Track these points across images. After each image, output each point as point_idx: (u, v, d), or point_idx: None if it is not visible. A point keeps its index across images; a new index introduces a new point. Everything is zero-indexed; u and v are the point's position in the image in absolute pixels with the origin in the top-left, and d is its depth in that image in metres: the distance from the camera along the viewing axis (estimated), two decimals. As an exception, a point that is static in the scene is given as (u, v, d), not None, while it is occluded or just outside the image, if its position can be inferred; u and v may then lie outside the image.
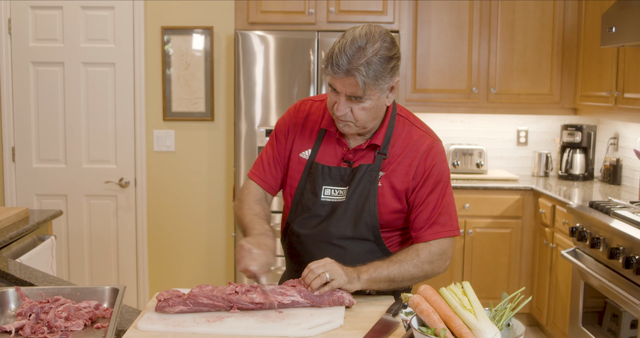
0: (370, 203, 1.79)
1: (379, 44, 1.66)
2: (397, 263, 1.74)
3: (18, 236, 2.73)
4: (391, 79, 1.71)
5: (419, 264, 1.76)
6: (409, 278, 1.76)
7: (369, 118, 1.75)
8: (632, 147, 4.08)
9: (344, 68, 1.64)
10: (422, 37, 4.37)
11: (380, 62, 1.65)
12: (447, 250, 1.82)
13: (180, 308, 1.60)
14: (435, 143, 1.84)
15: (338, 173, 1.83)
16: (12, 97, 4.16)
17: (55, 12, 4.11)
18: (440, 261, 1.81)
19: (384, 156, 1.81)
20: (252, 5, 4.04)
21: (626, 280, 2.80)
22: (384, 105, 1.78)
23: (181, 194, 4.32)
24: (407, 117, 1.87)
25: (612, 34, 3.41)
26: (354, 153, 1.83)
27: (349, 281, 1.66)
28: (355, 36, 1.66)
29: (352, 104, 1.71)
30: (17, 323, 1.49)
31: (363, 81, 1.64)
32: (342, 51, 1.64)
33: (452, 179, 4.34)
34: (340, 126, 1.78)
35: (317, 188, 1.83)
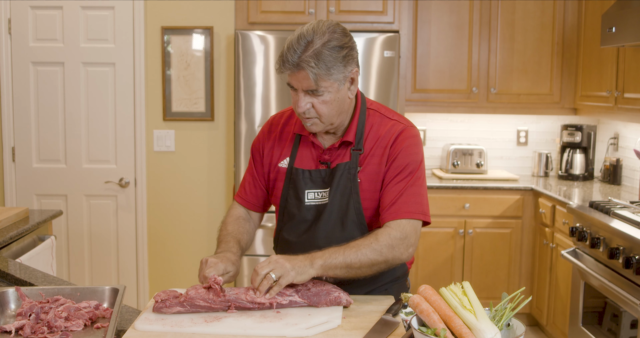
0: (353, 200, 1.79)
1: (327, 36, 1.67)
2: (354, 248, 1.67)
3: (18, 236, 2.73)
4: (345, 69, 1.70)
5: (378, 248, 1.68)
6: (368, 264, 1.67)
7: (333, 112, 1.74)
8: (632, 147, 4.07)
9: (293, 62, 1.66)
10: (422, 37, 4.37)
11: (330, 52, 1.66)
12: (409, 234, 1.72)
13: (177, 309, 1.60)
14: (406, 129, 1.82)
15: (318, 176, 1.82)
16: (12, 97, 4.16)
17: (55, 12, 4.11)
18: (402, 247, 1.71)
19: (359, 151, 1.80)
20: (252, 5, 4.04)
21: (626, 280, 2.80)
22: (347, 98, 1.77)
23: (181, 194, 4.32)
24: (377, 110, 1.86)
25: (612, 34, 3.41)
26: (329, 153, 1.83)
27: (300, 273, 1.60)
28: (302, 32, 1.68)
29: (312, 98, 1.71)
30: (17, 323, 1.50)
31: (314, 72, 1.65)
32: (291, 46, 1.67)
33: (452, 179, 4.34)
34: (307, 126, 1.78)
35: (300, 193, 1.83)
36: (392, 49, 3.96)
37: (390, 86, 3.99)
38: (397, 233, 1.71)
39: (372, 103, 1.89)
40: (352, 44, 1.73)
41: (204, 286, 1.64)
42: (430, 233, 4.21)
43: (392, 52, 3.96)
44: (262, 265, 1.61)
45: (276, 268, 1.60)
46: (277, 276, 1.59)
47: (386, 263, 1.71)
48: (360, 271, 1.69)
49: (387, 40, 3.95)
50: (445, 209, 4.19)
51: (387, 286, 1.90)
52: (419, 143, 1.83)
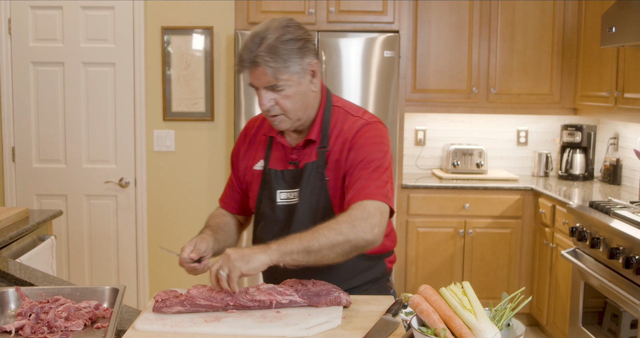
0: (323, 199, 1.78)
1: (280, 31, 1.68)
2: (312, 231, 1.60)
3: (18, 236, 2.73)
4: (302, 61, 1.70)
5: (337, 227, 1.59)
6: (328, 245, 1.57)
7: (297, 106, 1.74)
8: (632, 147, 4.07)
9: (249, 60, 1.67)
10: (422, 37, 4.37)
11: (285, 46, 1.67)
12: (372, 213, 1.63)
13: (177, 309, 1.60)
14: (366, 124, 1.79)
15: (289, 175, 1.82)
16: (12, 97, 4.16)
17: (55, 12, 4.11)
18: (364, 225, 1.60)
19: (324, 149, 1.79)
20: (252, 5, 4.04)
21: (626, 280, 2.80)
22: (310, 91, 1.76)
23: (181, 194, 4.32)
24: (342, 107, 1.85)
25: (612, 34, 3.41)
26: (296, 152, 1.83)
27: (247, 262, 1.54)
28: (255, 31, 1.70)
29: (274, 94, 1.71)
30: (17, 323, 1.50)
31: (270, 66, 1.66)
32: (246, 45, 1.69)
33: (452, 179, 4.34)
34: (275, 124, 1.78)
35: (273, 193, 1.84)
36: (392, 49, 3.96)
37: (390, 86, 3.99)
38: (358, 213, 1.63)
39: (338, 100, 1.88)
40: (307, 36, 1.73)
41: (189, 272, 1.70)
42: (430, 233, 4.21)
43: (392, 52, 3.96)
44: (214, 263, 1.61)
45: (224, 264, 1.57)
46: (227, 272, 1.56)
47: (349, 244, 1.60)
48: (322, 254, 1.58)
49: (387, 41, 3.95)
50: (445, 209, 4.19)
51: (365, 287, 1.88)
52: (379, 135, 1.79)
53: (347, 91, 3.98)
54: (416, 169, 4.78)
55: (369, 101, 4.00)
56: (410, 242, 4.23)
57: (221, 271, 1.56)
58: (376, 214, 1.64)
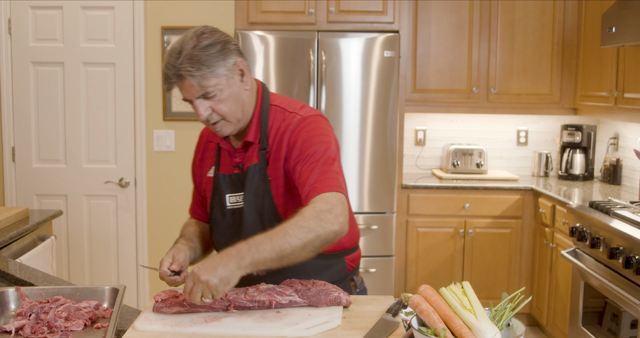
0: (267, 201, 1.77)
1: (194, 40, 1.68)
2: (282, 233, 1.54)
3: (18, 236, 2.73)
4: (225, 62, 1.69)
5: (305, 225, 1.55)
6: (300, 246, 1.53)
7: (234, 108, 1.73)
8: (632, 147, 4.08)
9: (173, 75, 1.67)
10: (422, 37, 4.37)
11: (203, 52, 1.66)
12: (334, 204, 1.60)
13: (177, 309, 1.60)
14: (303, 119, 1.77)
15: (236, 179, 1.81)
16: (12, 97, 4.16)
17: (55, 12, 4.11)
18: (330, 217, 1.57)
19: (265, 151, 1.78)
20: (252, 5, 4.04)
21: (626, 280, 2.80)
22: (242, 90, 1.75)
23: (181, 194, 4.32)
24: (280, 105, 1.83)
25: (612, 34, 3.41)
26: (239, 156, 1.82)
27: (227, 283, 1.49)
28: (172, 47, 1.69)
29: (209, 102, 1.71)
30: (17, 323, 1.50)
31: (194, 75, 1.65)
32: (167, 63, 1.68)
33: (452, 179, 4.34)
34: (218, 131, 1.77)
35: (222, 197, 1.84)
36: (392, 49, 3.96)
37: (390, 86, 3.99)
38: (322, 205, 1.60)
39: (276, 99, 1.85)
40: (225, 37, 1.72)
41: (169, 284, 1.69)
42: (430, 233, 4.21)
43: (392, 52, 3.96)
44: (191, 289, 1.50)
45: (204, 291, 1.49)
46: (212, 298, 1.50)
47: (319, 239, 1.56)
48: (294, 256, 1.55)
49: (387, 41, 3.95)
50: (445, 209, 4.19)
51: None
52: (318, 127, 1.76)
53: (347, 91, 3.98)
54: (416, 169, 4.78)
55: (369, 101, 4.00)
56: (410, 242, 4.23)
57: (205, 299, 1.50)
58: (338, 204, 1.62)
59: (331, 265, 1.86)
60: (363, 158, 4.03)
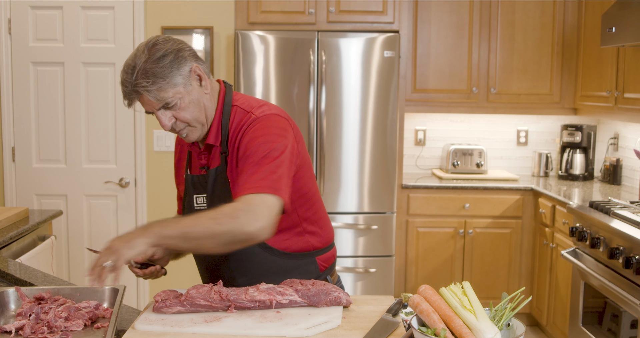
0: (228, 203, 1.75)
1: (146, 53, 1.66)
2: (194, 218, 1.57)
3: (18, 236, 2.73)
4: (179, 71, 1.68)
5: (216, 217, 1.55)
6: (207, 234, 1.54)
7: (196, 114, 1.72)
8: (632, 147, 4.08)
9: (131, 92, 1.67)
10: (422, 37, 4.37)
11: (156, 64, 1.65)
12: (255, 206, 1.56)
13: (177, 309, 1.60)
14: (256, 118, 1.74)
15: (202, 180, 1.82)
16: (12, 97, 4.16)
17: (55, 12, 4.11)
18: (246, 217, 1.54)
19: (225, 154, 1.77)
20: (252, 5, 4.04)
21: (626, 280, 2.80)
22: (202, 95, 1.74)
23: (181, 194, 4.32)
24: (240, 106, 1.80)
25: (612, 34, 3.41)
26: (204, 157, 1.82)
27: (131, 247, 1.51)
28: (126, 63, 1.68)
29: (171, 112, 1.70)
30: (17, 323, 1.50)
31: (150, 90, 1.65)
32: (123, 80, 1.68)
33: (452, 179, 4.34)
34: (185, 138, 1.77)
35: (190, 198, 1.85)
36: (392, 49, 3.96)
37: (390, 86, 3.99)
38: (240, 205, 1.57)
39: (238, 99, 1.83)
40: (177, 46, 1.70)
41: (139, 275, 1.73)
42: (430, 233, 4.21)
43: (392, 52, 3.96)
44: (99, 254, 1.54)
45: (108, 254, 1.51)
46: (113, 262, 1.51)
47: (230, 235, 1.55)
48: (200, 242, 1.56)
49: (387, 40, 3.95)
50: (445, 210, 4.19)
51: None
52: (266, 126, 1.72)
53: (347, 91, 3.98)
54: (416, 169, 4.78)
55: (369, 101, 4.00)
56: (410, 242, 4.23)
57: (105, 263, 1.49)
58: (260, 207, 1.57)
59: (300, 265, 1.84)
60: (363, 158, 4.03)
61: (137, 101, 1.70)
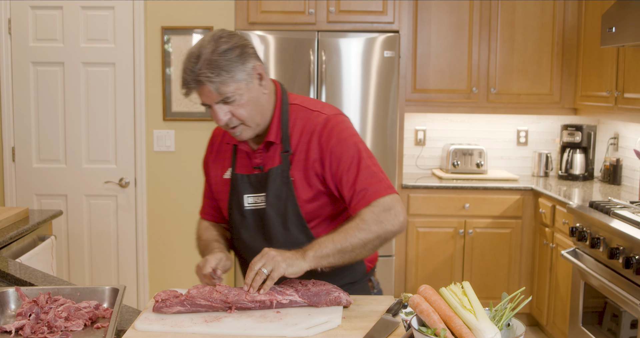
0: (291, 203, 1.77)
1: (212, 44, 1.66)
2: (343, 233, 1.65)
3: (18, 236, 2.73)
4: (244, 66, 1.68)
5: (365, 226, 1.65)
6: (360, 245, 1.65)
7: (253, 113, 1.73)
8: (632, 147, 4.07)
9: (192, 80, 1.66)
10: (422, 37, 4.37)
11: (222, 56, 1.65)
12: (392, 205, 1.69)
13: (177, 309, 1.60)
14: (329, 118, 1.78)
15: (255, 179, 1.81)
16: (12, 97, 4.16)
17: (55, 12, 4.11)
18: (390, 218, 1.68)
19: (287, 153, 1.77)
20: (252, 5, 4.04)
21: (626, 280, 2.80)
22: (261, 94, 1.74)
23: (181, 194, 4.32)
24: (300, 104, 1.83)
25: (612, 34, 3.41)
26: (259, 156, 1.81)
27: (290, 265, 1.59)
28: (190, 52, 1.68)
29: (228, 107, 1.70)
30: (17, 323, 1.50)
31: (213, 82, 1.64)
32: (186, 67, 1.67)
33: (452, 179, 4.34)
34: (236, 136, 1.76)
35: (240, 198, 1.83)
36: (392, 49, 3.96)
37: (390, 86, 3.99)
38: (380, 208, 1.68)
39: (296, 98, 1.86)
40: (243, 41, 1.71)
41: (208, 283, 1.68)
42: (430, 233, 4.21)
43: (392, 52, 3.96)
44: (254, 260, 1.61)
45: (267, 262, 1.59)
46: (269, 271, 1.58)
47: (379, 239, 1.67)
48: (355, 253, 1.66)
49: (387, 40, 3.95)
50: (445, 209, 4.19)
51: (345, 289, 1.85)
52: (347, 128, 1.78)
53: (347, 91, 3.98)
54: (416, 169, 4.78)
55: (369, 101, 4.00)
56: (410, 242, 4.23)
57: (264, 268, 1.58)
58: (396, 206, 1.69)
59: (352, 266, 1.86)
60: (363, 158, 4.02)
61: (196, 91, 1.69)
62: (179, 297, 1.63)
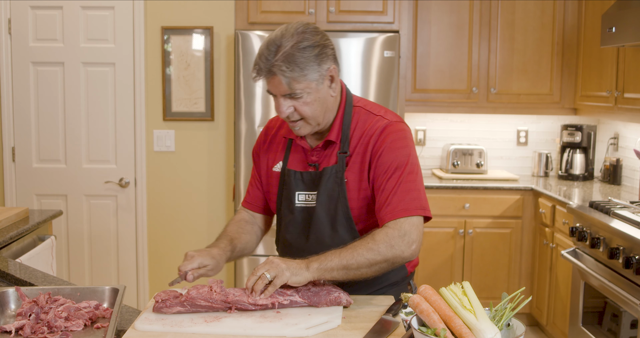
0: (341, 204, 1.77)
1: (296, 37, 1.65)
2: (351, 250, 1.64)
3: (18, 236, 2.73)
4: (320, 67, 1.68)
5: (375, 248, 1.63)
6: (366, 264, 1.63)
7: (317, 112, 1.72)
8: (632, 147, 4.07)
9: (266, 69, 1.65)
10: (422, 37, 4.37)
11: (301, 53, 1.64)
12: (409, 231, 1.67)
13: (177, 309, 1.60)
14: (389, 124, 1.77)
15: (308, 177, 1.81)
16: (12, 97, 4.16)
17: (55, 12, 4.11)
18: (402, 245, 1.66)
19: (345, 154, 1.77)
20: (252, 5, 4.04)
21: (626, 280, 2.80)
22: (329, 96, 1.74)
23: (181, 194, 4.32)
24: (364, 107, 1.83)
25: (612, 34, 3.41)
26: (316, 154, 1.81)
27: (294, 274, 1.59)
28: (271, 38, 1.67)
29: (293, 102, 1.69)
30: (17, 323, 1.49)
31: (286, 76, 1.64)
32: (262, 54, 1.66)
33: (452, 179, 4.34)
34: (295, 130, 1.76)
35: (291, 194, 1.83)
36: (392, 49, 3.96)
37: (390, 86, 3.99)
38: (395, 232, 1.66)
39: (359, 100, 1.85)
40: (325, 41, 1.70)
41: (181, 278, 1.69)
42: (430, 233, 4.21)
43: (392, 52, 3.96)
44: (258, 266, 1.62)
45: (271, 268, 1.59)
46: (272, 277, 1.59)
47: (387, 263, 1.66)
48: (360, 272, 1.65)
49: (387, 40, 3.95)
50: (445, 209, 4.19)
51: (385, 290, 1.87)
52: (405, 137, 1.77)
53: (347, 91, 3.98)
54: (416, 169, 4.77)
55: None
56: (410, 242, 4.22)
57: (267, 273, 1.58)
58: (413, 231, 1.68)
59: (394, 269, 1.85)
60: (363, 158, 4.03)
61: (265, 79, 1.68)
62: (178, 297, 1.63)
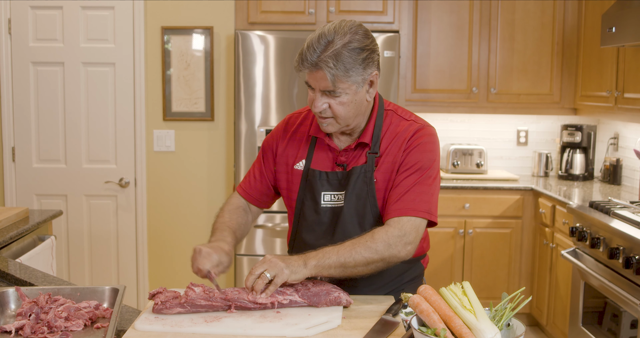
0: (370, 204, 1.77)
1: (348, 37, 1.66)
2: (349, 247, 1.65)
3: (18, 236, 2.73)
4: (364, 71, 1.69)
5: (373, 246, 1.65)
6: (363, 262, 1.65)
7: (350, 114, 1.73)
8: (632, 147, 4.07)
9: (312, 62, 1.65)
10: (422, 37, 4.37)
11: (350, 54, 1.65)
12: (408, 232, 1.69)
13: (177, 310, 1.60)
14: (422, 128, 1.80)
15: (335, 178, 1.80)
16: (12, 97, 4.16)
17: (55, 12, 4.11)
18: (399, 244, 1.68)
19: (375, 154, 1.78)
20: (252, 5, 4.04)
21: (626, 280, 2.80)
22: (364, 100, 1.75)
23: (181, 194, 4.32)
24: (395, 111, 1.85)
25: (612, 34, 3.41)
26: (345, 155, 1.81)
27: (293, 272, 1.59)
28: (324, 31, 1.67)
29: (329, 99, 1.70)
30: (17, 323, 1.49)
31: (332, 73, 1.64)
32: (311, 45, 1.66)
33: (452, 179, 4.34)
34: (323, 126, 1.76)
35: (317, 194, 1.82)
36: (392, 49, 3.96)
37: (390, 86, 3.99)
38: (395, 231, 1.68)
39: (390, 104, 1.88)
40: (374, 46, 1.72)
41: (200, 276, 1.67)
42: (431, 233, 4.19)
43: (392, 52, 3.96)
44: (256, 265, 1.62)
45: (270, 267, 1.59)
46: (272, 276, 1.59)
47: (383, 262, 1.68)
48: (356, 270, 1.66)
49: (387, 40, 3.95)
50: (445, 209, 4.19)
51: (402, 287, 1.89)
52: (434, 142, 1.80)
53: (347, 91, 3.98)
54: (416, 169, 4.77)
55: (369, 101, 4.00)
56: (410, 242, 4.22)
57: (267, 273, 1.58)
58: (412, 232, 1.70)
59: (411, 267, 1.89)
60: (363, 158, 4.03)
61: (308, 71, 1.68)
62: (178, 297, 1.63)
